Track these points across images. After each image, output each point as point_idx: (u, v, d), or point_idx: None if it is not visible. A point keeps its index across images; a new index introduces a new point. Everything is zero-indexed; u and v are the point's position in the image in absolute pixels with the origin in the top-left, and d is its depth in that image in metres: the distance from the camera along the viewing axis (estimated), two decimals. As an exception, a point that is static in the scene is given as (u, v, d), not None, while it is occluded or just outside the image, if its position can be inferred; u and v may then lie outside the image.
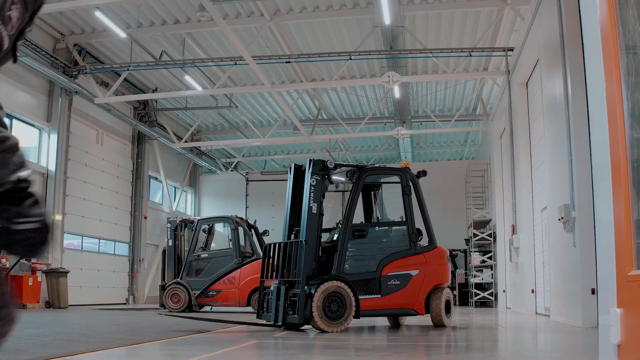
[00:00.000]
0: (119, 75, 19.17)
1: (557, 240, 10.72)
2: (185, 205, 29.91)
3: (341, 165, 9.29)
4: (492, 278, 20.40)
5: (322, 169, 8.92)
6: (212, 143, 26.34)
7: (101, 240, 21.55)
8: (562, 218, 9.94)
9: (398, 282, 8.86)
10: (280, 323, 8.49)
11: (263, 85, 17.72)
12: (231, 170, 31.08)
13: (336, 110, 24.42)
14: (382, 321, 10.68)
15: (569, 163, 9.74)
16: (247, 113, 24.97)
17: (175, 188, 28.65)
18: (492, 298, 20.23)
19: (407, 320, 10.52)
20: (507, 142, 16.97)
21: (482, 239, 20.76)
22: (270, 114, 25.34)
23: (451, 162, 29.40)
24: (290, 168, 9.36)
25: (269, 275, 9.12)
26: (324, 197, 8.89)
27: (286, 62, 17.63)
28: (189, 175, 29.70)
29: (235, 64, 17.62)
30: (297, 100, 22.88)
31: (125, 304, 22.33)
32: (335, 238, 9.16)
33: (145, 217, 23.91)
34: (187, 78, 19.71)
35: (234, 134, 27.55)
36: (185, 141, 24.60)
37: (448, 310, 9.33)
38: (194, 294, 15.30)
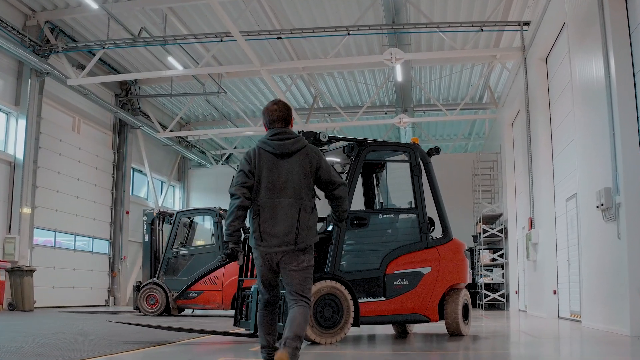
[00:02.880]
0: (95, 55, 17.53)
1: (593, 232, 9.07)
2: (172, 200, 28.28)
3: (336, 139, 7.67)
4: (503, 278, 18.83)
5: (313, 143, 7.26)
6: (199, 132, 24.62)
7: (77, 237, 19.81)
8: (602, 205, 8.29)
9: (406, 282, 7.28)
10: (260, 332, 6.84)
11: (252, 65, 15.96)
12: (222, 164, 29.51)
13: (333, 98, 22.85)
14: (387, 329, 8.97)
15: (610, 141, 8.11)
16: (238, 102, 23.34)
17: (161, 182, 27.01)
18: (503, 300, 18.61)
19: (417, 328, 8.88)
20: (521, 127, 15.40)
21: (492, 235, 19.23)
22: (262, 102, 23.67)
23: (456, 154, 27.89)
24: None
25: (250, 273, 7.47)
26: (315, 177, 7.22)
27: (277, 39, 15.93)
28: (176, 169, 28.08)
29: (222, 40, 15.91)
30: (291, 86, 21.32)
31: (104, 305, 20.62)
32: (329, 228, 7.52)
33: (128, 212, 22.19)
34: (170, 59, 18.09)
35: (225, 124, 25.92)
36: (171, 130, 22.93)
37: (466, 315, 7.76)
38: (172, 295, 13.70)
